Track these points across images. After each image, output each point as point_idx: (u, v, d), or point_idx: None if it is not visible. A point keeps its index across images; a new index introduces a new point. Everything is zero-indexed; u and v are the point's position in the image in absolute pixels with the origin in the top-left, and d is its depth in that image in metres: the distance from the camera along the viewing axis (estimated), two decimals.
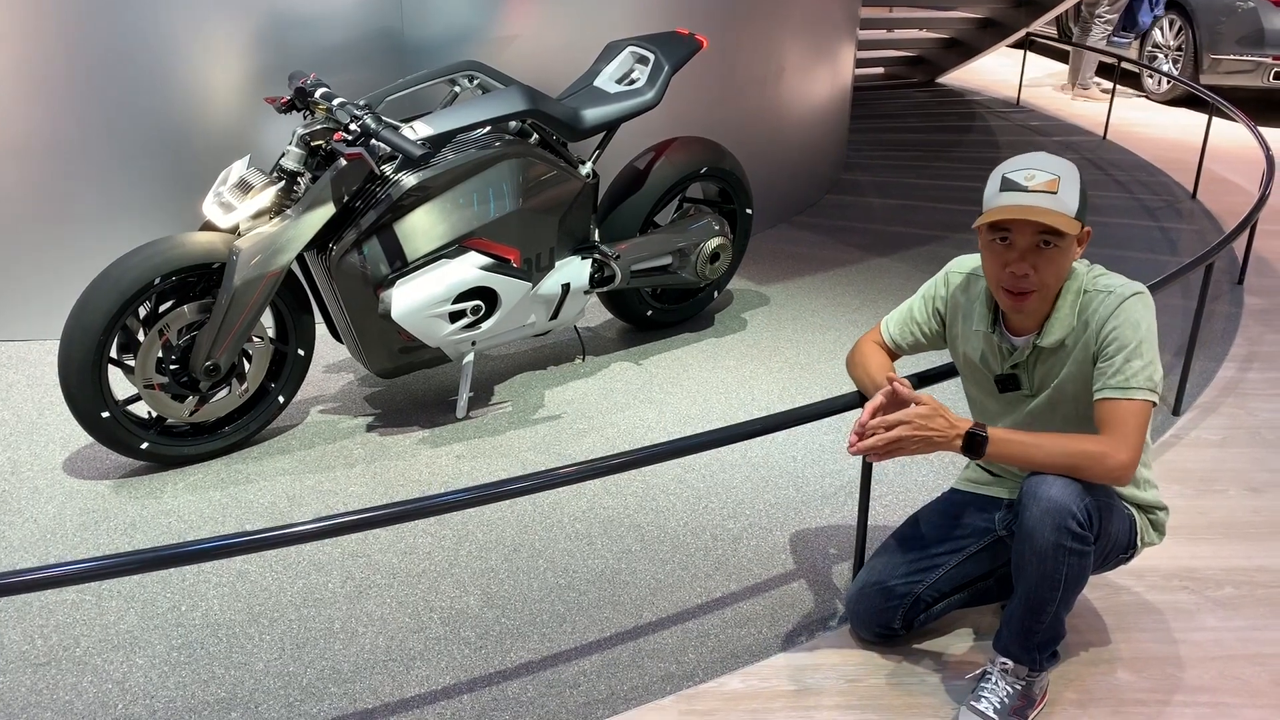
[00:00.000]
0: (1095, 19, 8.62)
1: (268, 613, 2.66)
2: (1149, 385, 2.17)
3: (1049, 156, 2.23)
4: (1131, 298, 2.21)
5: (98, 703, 2.37)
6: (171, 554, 1.98)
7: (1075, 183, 2.19)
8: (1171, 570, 2.87)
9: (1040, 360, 2.32)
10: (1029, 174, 2.18)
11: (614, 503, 3.14)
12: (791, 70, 5.47)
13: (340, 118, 3.12)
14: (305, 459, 3.32)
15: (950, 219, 5.80)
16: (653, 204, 3.96)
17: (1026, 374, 2.35)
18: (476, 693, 2.42)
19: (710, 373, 3.95)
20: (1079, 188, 2.20)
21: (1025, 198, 2.16)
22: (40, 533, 2.94)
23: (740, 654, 2.55)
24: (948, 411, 2.23)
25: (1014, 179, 2.19)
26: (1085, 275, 2.28)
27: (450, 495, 2.16)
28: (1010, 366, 2.36)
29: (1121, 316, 2.19)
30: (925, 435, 2.21)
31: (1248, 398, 3.86)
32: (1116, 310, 2.20)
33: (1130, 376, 2.17)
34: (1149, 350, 2.18)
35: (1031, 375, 2.35)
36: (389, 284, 3.26)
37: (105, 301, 2.98)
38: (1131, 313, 2.19)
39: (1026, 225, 2.17)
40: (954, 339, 2.50)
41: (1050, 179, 2.17)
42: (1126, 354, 2.17)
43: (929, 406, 2.23)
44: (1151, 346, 2.19)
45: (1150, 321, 2.21)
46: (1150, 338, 2.19)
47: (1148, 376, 2.17)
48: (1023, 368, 2.35)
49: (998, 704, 2.29)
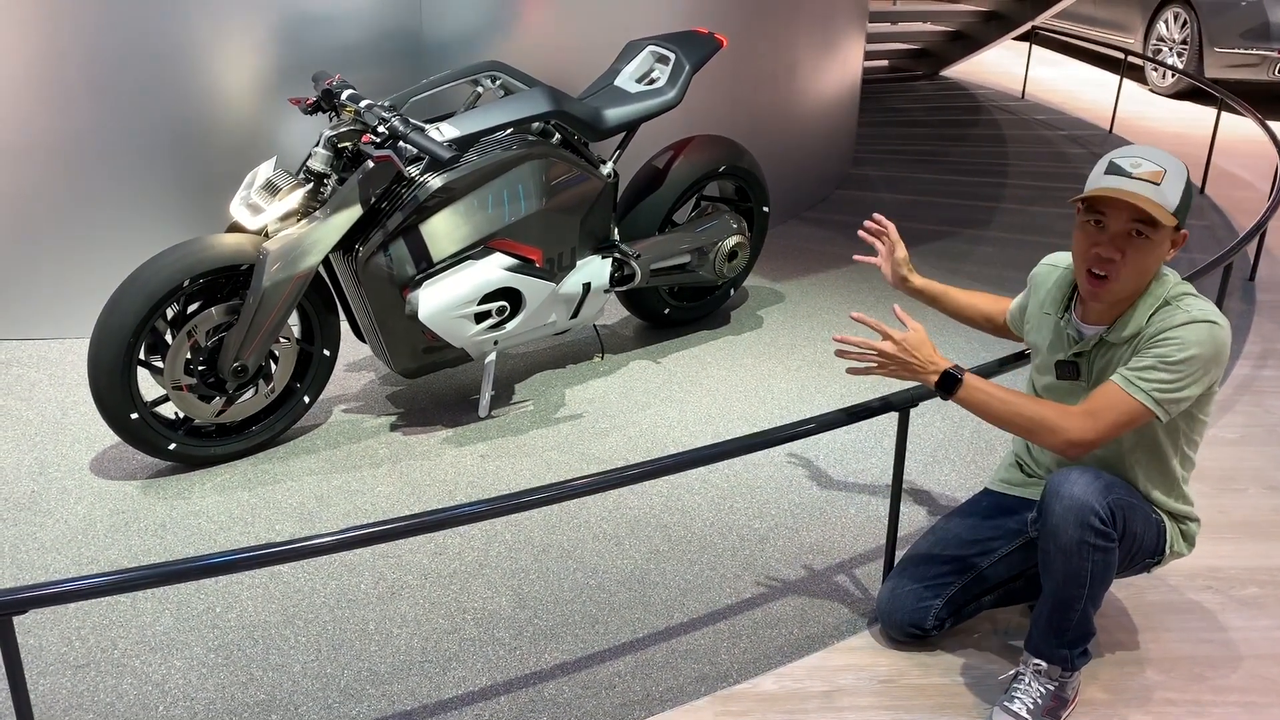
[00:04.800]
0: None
1: (302, 614, 2.68)
2: (1155, 395, 2.17)
3: (1161, 151, 2.22)
4: (1202, 323, 2.18)
5: (139, 705, 2.39)
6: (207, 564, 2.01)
7: (1181, 180, 2.19)
8: (1195, 570, 2.90)
9: (1101, 354, 2.33)
10: (1136, 161, 2.19)
11: (640, 503, 3.16)
12: (802, 66, 5.48)
13: (368, 120, 3.13)
14: (331, 459, 3.34)
15: (961, 214, 5.82)
16: (672, 203, 3.98)
17: (1087, 364, 2.36)
18: (514, 694, 2.44)
19: (729, 371, 3.97)
20: (1184, 187, 2.20)
21: (1127, 183, 2.17)
22: (71, 533, 2.96)
23: (773, 655, 2.58)
24: (934, 348, 2.31)
25: (1120, 164, 2.20)
26: (1172, 287, 2.27)
27: (475, 506, 2.18)
28: (1074, 354, 2.38)
29: (1181, 333, 2.18)
30: (905, 360, 2.31)
31: (1264, 395, 3.89)
32: (1181, 326, 2.19)
33: (1146, 377, 2.18)
34: (1182, 371, 2.17)
35: (1091, 366, 2.36)
36: (415, 285, 3.27)
37: (135, 303, 3.00)
38: (1191, 334, 2.17)
39: (1122, 210, 2.17)
40: (1030, 328, 2.54)
41: (1156, 170, 2.17)
42: (1158, 361, 2.18)
43: (918, 335, 2.31)
44: (1187, 371, 2.17)
45: (1205, 353, 2.17)
46: (1193, 365, 2.16)
47: (1160, 388, 2.17)
48: (1085, 357, 2.36)
49: (1031, 704, 2.32)
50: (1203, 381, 2.20)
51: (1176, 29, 8.77)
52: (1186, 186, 2.21)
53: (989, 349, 4.14)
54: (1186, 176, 2.22)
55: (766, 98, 5.29)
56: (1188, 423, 2.33)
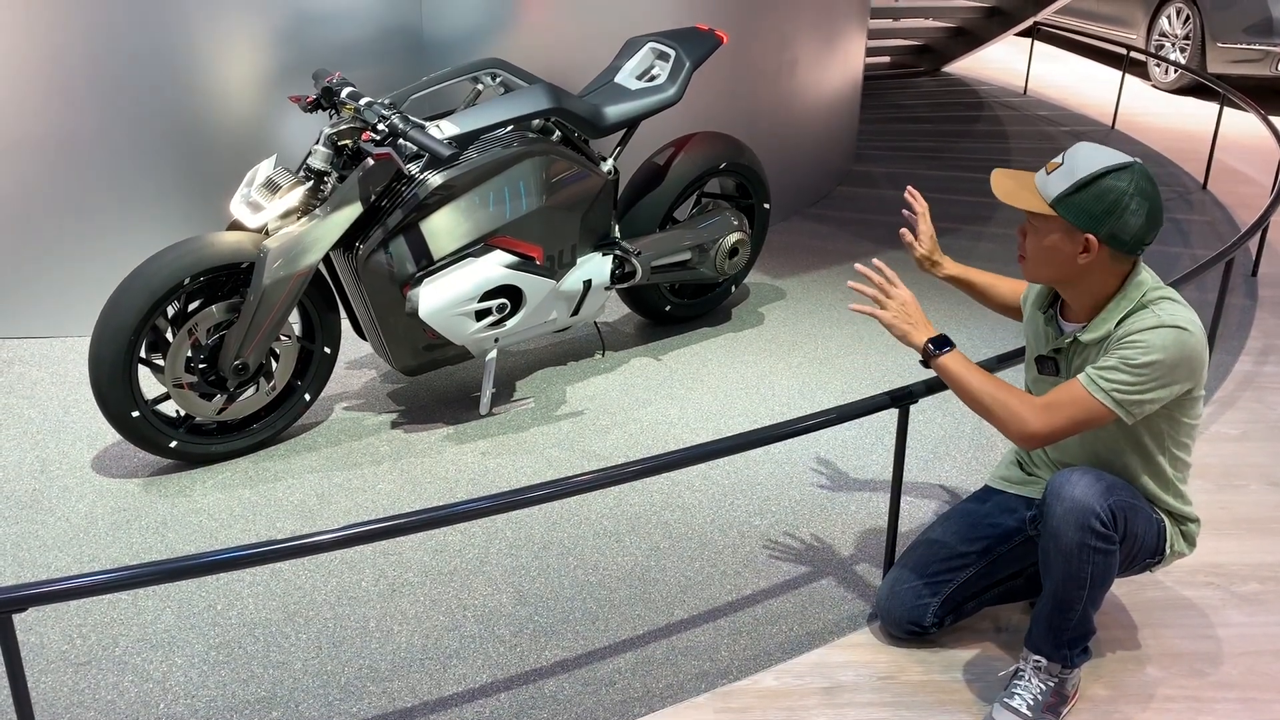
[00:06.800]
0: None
1: (303, 611, 2.69)
2: (1115, 395, 2.17)
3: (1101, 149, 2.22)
4: (1169, 329, 2.16)
5: (140, 702, 2.39)
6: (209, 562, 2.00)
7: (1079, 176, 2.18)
8: (1197, 565, 2.90)
9: (1076, 352, 2.34)
10: (1064, 156, 2.25)
11: (640, 500, 3.16)
12: (803, 62, 5.47)
13: (368, 118, 3.14)
14: (332, 456, 3.34)
15: (963, 210, 5.82)
16: (672, 199, 3.98)
17: (1065, 360, 2.38)
18: (514, 691, 2.44)
19: (730, 368, 3.97)
20: (1086, 185, 2.17)
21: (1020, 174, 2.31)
22: (73, 531, 2.96)
23: (773, 651, 2.58)
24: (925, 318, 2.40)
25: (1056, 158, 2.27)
26: (1149, 289, 2.25)
27: (476, 503, 2.18)
28: (1052, 350, 2.39)
29: (1147, 336, 2.16)
30: (901, 318, 2.40)
31: (1266, 391, 3.89)
32: (1148, 330, 2.17)
33: (1107, 377, 2.18)
34: (1144, 375, 2.15)
35: (1069, 363, 2.37)
36: (416, 283, 3.28)
37: (136, 301, 3.00)
38: (1156, 339, 2.15)
39: None
40: (1024, 321, 2.58)
41: (1057, 162, 2.24)
42: (1121, 362, 2.17)
43: (914, 304, 2.40)
44: (1150, 375, 2.15)
45: (1169, 358, 2.14)
46: (1156, 369, 2.15)
47: (1120, 389, 2.16)
48: (1062, 354, 2.38)
49: (1030, 701, 2.32)
50: (1170, 387, 2.18)
51: (1179, 24, 8.75)
52: (1096, 188, 2.17)
53: (990, 345, 4.14)
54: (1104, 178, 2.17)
55: (767, 94, 5.29)
56: (1170, 425, 2.31)
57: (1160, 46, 8.95)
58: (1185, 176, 6.56)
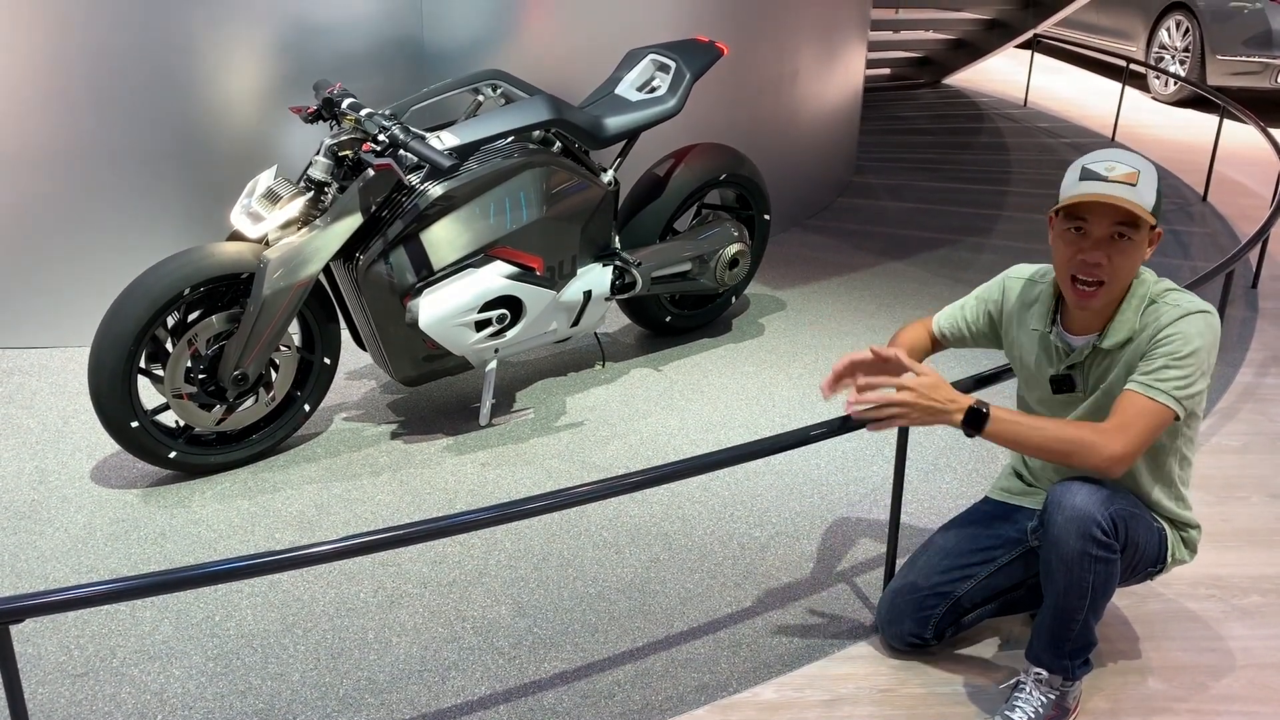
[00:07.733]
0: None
1: (301, 623, 2.68)
2: (1175, 394, 2.18)
3: (1128, 152, 2.24)
4: (1196, 314, 2.21)
5: (137, 714, 2.38)
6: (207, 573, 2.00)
7: (1153, 180, 2.21)
8: (1198, 578, 2.89)
9: (1097, 362, 2.32)
10: (1110, 165, 2.20)
11: (640, 511, 3.15)
12: (804, 74, 5.48)
13: (369, 128, 3.14)
14: (331, 467, 3.34)
15: (964, 222, 5.82)
16: (673, 210, 3.98)
17: (1082, 375, 2.35)
18: (513, 703, 2.43)
19: (730, 379, 3.97)
20: (1156, 185, 2.21)
21: (1105, 187, 2.16)
22: (71, 542, 2.95)
23: (773, 664, 2.57)
24: (950, 386, 2.27)
25: (1094, 169, 2.20)
26: (1153, 284, 2.28)
27: (476, 514, 2.16)
28: (1066, 367, 2.37)
29: (1179, 327, 2.19)
30: (929, 404, 2.22)
31: (1267, 403, 3.88)
32: (1177, 320, 2.20)
33: (1162, 379, 2.18)
34: (1192, 366, 2.18)
35: (1087, 376, 2.35)
36: (416, 293, 3.28)
37: (136, 311, 3.00)
38: (1190, 327, 2.19)
39: (1104, 214, 2.17)
40: (1010, 345, 2.52)
41: (1130, 171, 2.18)
42: (1168, 360, 2.18)
43: (933, 377, 2.25)
44: (1196, 365, 2.18)
45: (1206, 343, 2.19)
46: (1199, 357, 2.19)
47: (1178, 386, 2.18)
48: (1079, 369, 2.35)
49: (1032, 714, 2.31)
50: (1209, 373, 2.22)
51: (1179, 36, 8.77)
52: (1159, 186, 2.23)
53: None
54: (1156, 176, 2.23)
55: (768, 105, 5.30)
56: (1185, 419, 2.32)
57: (1160, 59, 8.97)
58: (1185, 188, 6.57)
